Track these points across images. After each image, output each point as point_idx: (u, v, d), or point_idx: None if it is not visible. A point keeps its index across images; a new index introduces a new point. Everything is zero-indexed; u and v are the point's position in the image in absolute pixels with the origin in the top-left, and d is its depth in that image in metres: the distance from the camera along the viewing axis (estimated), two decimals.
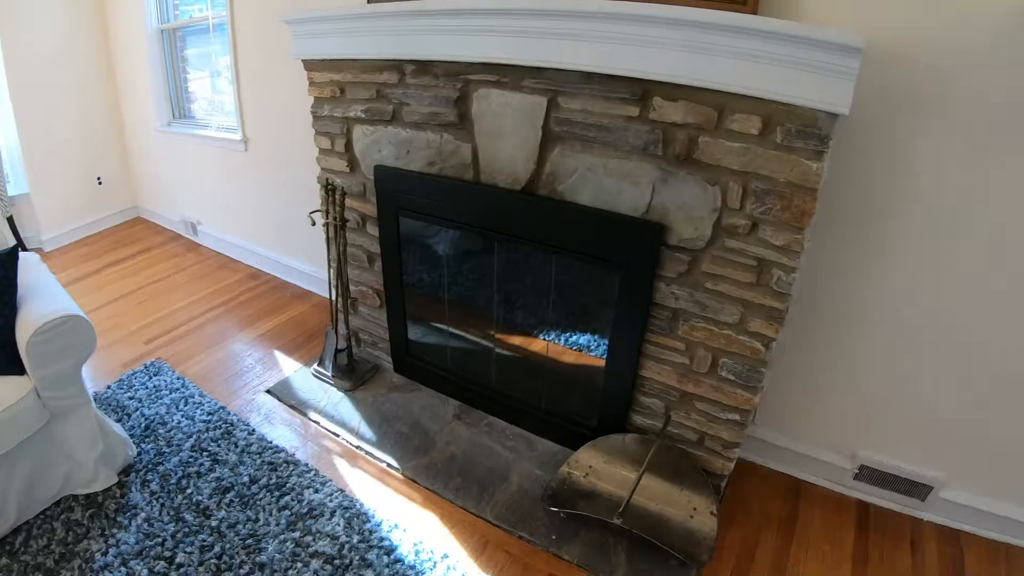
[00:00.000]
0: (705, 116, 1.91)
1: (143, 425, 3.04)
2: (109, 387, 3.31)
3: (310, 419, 3.03)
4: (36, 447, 2.51)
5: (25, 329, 2.39)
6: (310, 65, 2.90)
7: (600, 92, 2.06)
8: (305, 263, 4.25)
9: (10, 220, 5.70)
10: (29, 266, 2.78)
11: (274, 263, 4.57)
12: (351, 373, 3.24)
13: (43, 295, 2.64)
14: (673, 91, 1.94)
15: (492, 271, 2.71)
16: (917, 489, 2.47)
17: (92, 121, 6.00)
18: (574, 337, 2.70)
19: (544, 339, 2.77)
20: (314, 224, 3.04)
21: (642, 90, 1.99)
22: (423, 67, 2.46)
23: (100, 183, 6.16)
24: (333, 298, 3.18)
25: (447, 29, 2.30)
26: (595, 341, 2.62)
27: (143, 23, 5.12)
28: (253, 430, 2.95)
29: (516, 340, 2.92)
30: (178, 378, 3.35)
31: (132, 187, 6.41)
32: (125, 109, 6.00)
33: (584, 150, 2.18)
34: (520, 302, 2.79)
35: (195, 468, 2.77)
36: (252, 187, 4.46)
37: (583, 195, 2.25)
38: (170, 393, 3.24)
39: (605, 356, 2.53)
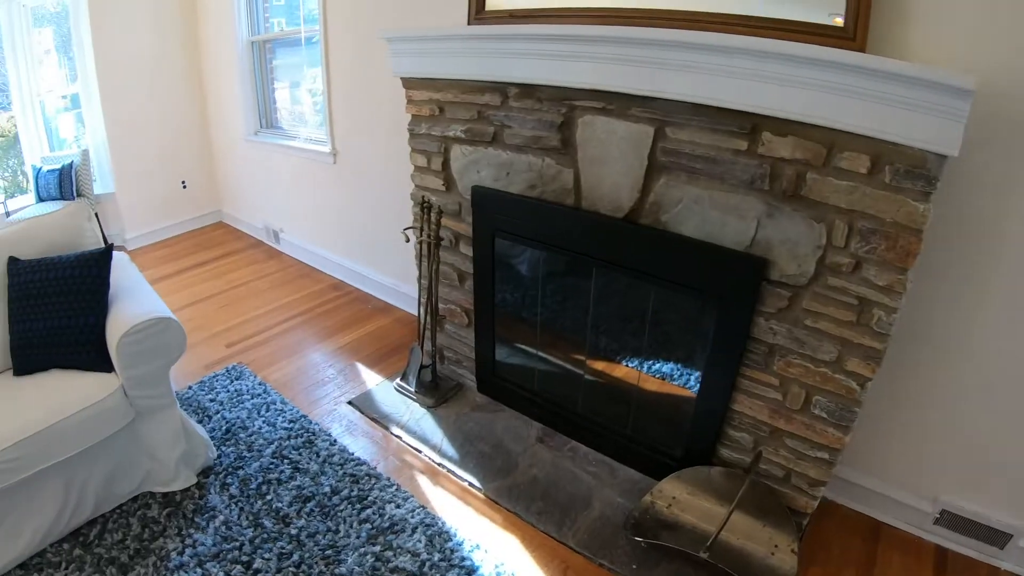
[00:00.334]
0: (814, 152, 1.99)
1: (224, 428, 3.23)
2: (190, 387, 3.53)
3: (392, 433, 3.18)
4: (119, 443, 2.70)
5: (116, 329, 2.59)
6: (409, 83, 3.08)
7: (709, 124, 2.16)
8: (388, 277, 4.44)
9: (95, 218, 6.09)
10: (119, 265, 2.98)
11: (356, 275, 4.78)
12: (434, 390, 3.39)
13: (134, 295, 2.85)
14: (782, 126, 2.02)
15: (587, 296, 2.82)
16: (996, 537, 2.47)
17: (179, 126, 6.38)
18: (665, 366, 2.78)
19: (634, 367, 2.86)
20: (408, 241, 3.21)
21: (751, 124, 2.08)
22: (527, 90, 2.60)
23: (184, 187, 6.54)
24: (421, 315, 3.34)
25: (553, 54, 2.42)
26: (686, 371, 2.70)
27: (234, 35, 5.44)
28: (335, 441, 3.11)
29: (605, 366, 3.02)
30: (260, 384, 3.55)
31: (215, 192, 6.77)
32: (212, 116, 6.36)
33: (690, 181, 2.28)
34: (613, 329, 2.88)
35: (276, 475, 2.92)
36: (338, 199, 4.69)
37: (687, 226, 2.34)
38: (252, 398, 3.44)
39: (696, 387, 2.61)
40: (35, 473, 2.46)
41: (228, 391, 3.50)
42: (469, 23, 2.91)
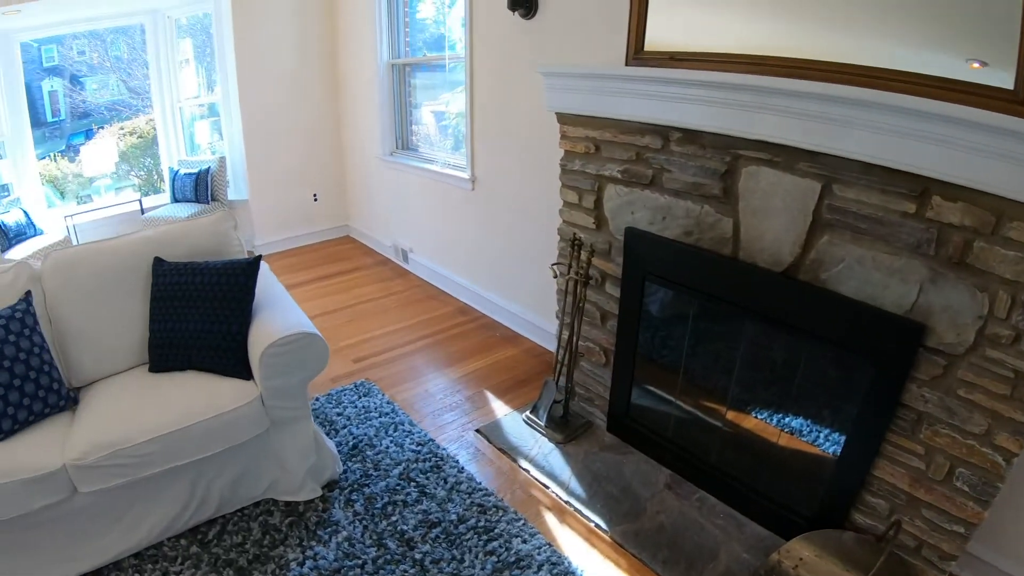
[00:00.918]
0: (982, 220, 2.09)
1: (350, 443, 3.54)
2: (317, 399, 3.87)
3: (519, 466, 3.42)
4: (251, 449, 3.01)
5: (261, 340, 2.89)
6: (563, 119, 3.36)
7: (878, 184, 2.30)
8: (517, 305, 4.73)
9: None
10: (261, 274, 3.26)
11: (484, 300, 5.09)
12: (564, 426, 3.63)
13: (277, 306, 3.17)
14: (953, 191, 2.13)
15: (734, 347, 2.98)
16: None
17: (314, 141, 6.96)
18: (806, 424, 2.91)
19: (773, 422, 3.01)
20: (556, 276, 3.49)
21: (921, 187, 2.21)
22: (690, 136, 2.81)
23: (316, 199, 7.07)
24: (558, 350, 3.60)
25: (719, 101, 2.61)
26: (828, 432, 2.82)
27: (375, 57, 5.93)
28: (462, 468, 3.35)
29: (743, 418, 3.16)
30: (388, 402, 3.87)
31: (345, 207, 7.29)
32: (347, 134, 6.91)
33: (853, 241, 2.42)
34: (756, 382, 3.03)
35: (402, 497, 3.17)
36: (473, 225, 5.03)
37: (847, 286, 2.48)
38: (379, 416, 3.75)
39: (837, 449, 2.74)
40: (166, 469, 2.78)
41: (356, 407, 3.83)
42: (627, 62, 3.16)
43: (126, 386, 3.06)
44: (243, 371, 2.98)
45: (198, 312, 3.05)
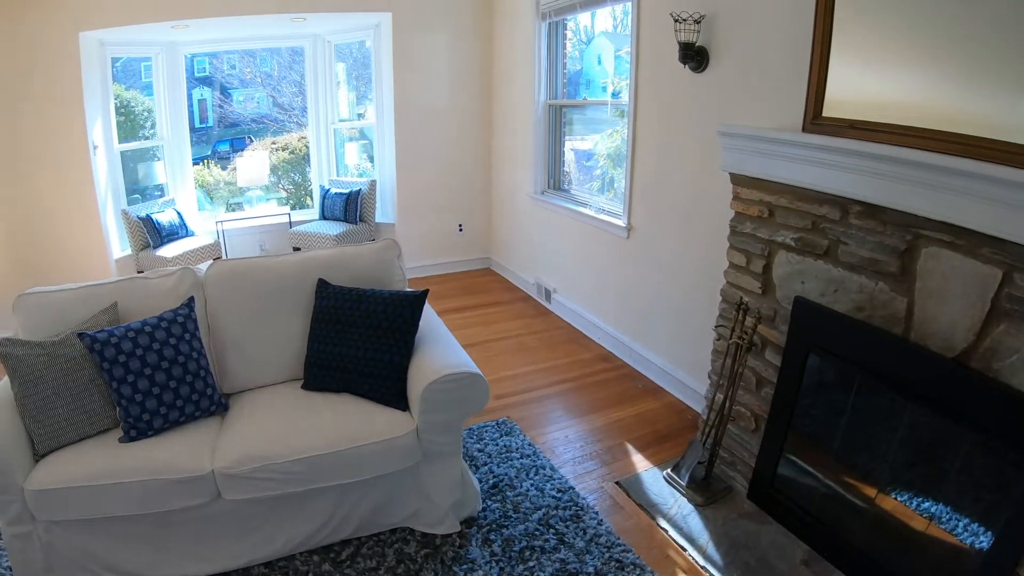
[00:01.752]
0: None
1: (491, 482, 3.67)
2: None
3: (658, 524, 3.47)
4: (398, 478, 3.16)
5: (423, 374, 3.06)
6: (738, 180, 3.43)
7: None
8: (663, 359, 4.79)
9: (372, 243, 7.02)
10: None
11: (627, 349, 5.18)
12: (705, 488, 3.68)
13: (439, 342, 3.34)
14: None
15: (893, 429, 2.95)
16: None
17: (464, 173, 7.30)
18: (953, 516, 2.83)
19: (921, 509, 2.94)
20: (719, 339, 3.57)
21: None
22: (870, 210, 2.82)
23: (461, 230, 7.36)
24: (708, 411, 3.67)
25: (903, 178, 2.62)
26: (978, 526, 2.78)
27: (532, 97, 6.16)
28: (601, 520, 3.42)
29: (891, 502, 3.13)
30: (529, 444, 4.00)
31: (489, 240, 7.56)
32: (497, 169, 7.19)
33: None
34: (910, 467, 2.98)
35: (540, 542, 3.26)
36: (624, 274, 5.13)
37: (1019, 378, 2.43)
38: (520, 458, 3.88)
39: (986, 545, 2.67)
40: (312, 488, 2.98)
41: (497, 445, 3.98)
42: (804, 127, 3.18)
43: (279, 400, 3.29)
44: (400, 402, 3.16)
45: (361, 338, 3.25)
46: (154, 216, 6.84)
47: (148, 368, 2.96)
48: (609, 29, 6.12)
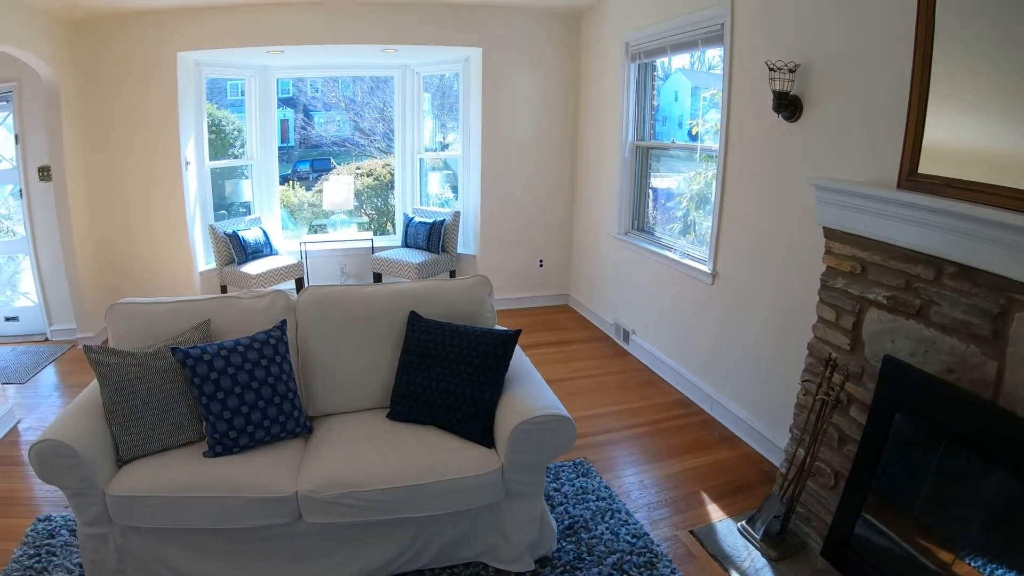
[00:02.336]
0: None
1: (566, 523, 3.70)
2: None
3: None
4: (478, 514, 3.23)
5: (513, 414, 3.12)
6: (831, 234, 3.45)
7: None
8: (741, 408, 4.78)
9: (452, 274, 7.18)
10: None
11: (705, 396, 5.19)
12: (779, 543, 3.66)
13: (528, 382, 3.41)
14: None
15: (978, 496, 2.90)
16: None
17: (547, 209, 7.46)
18: None
19: None
20: (805, 393, 3.58)
21: None
22: (965, 272, 2.81)
23: (541, 265, 7.47)
24: (787, 465, 3.67)
25: (1001, 241, 2.61)
26: None
27: (618, 137, 6.27)
28: (675, 569, 3.42)
29: (968, 570, 3.02)
30: (605, 487, 4.03)
31: (568, 277, 7.67)
32: (580, 207, 7.34)
33: None
34: (993, 535, 2.91)
35: None
36: (707, 319, 5.14)
37: None
38: (596, 500, 3.91)
39: None
40: (394, 518, 3.06)
41: (574, 486, 4.02)
42: (900, 182, 3.17)
43: (364, 428, 3.40)
44: (487, 439, 3.24)
45: (452, 373, 3.34)
46: (240, 233, 7.15)
47: (238, 387, 3.11)
48: (686, 65, 6.20)
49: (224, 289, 7.38)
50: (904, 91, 3.11)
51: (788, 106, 4.03)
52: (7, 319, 7.37)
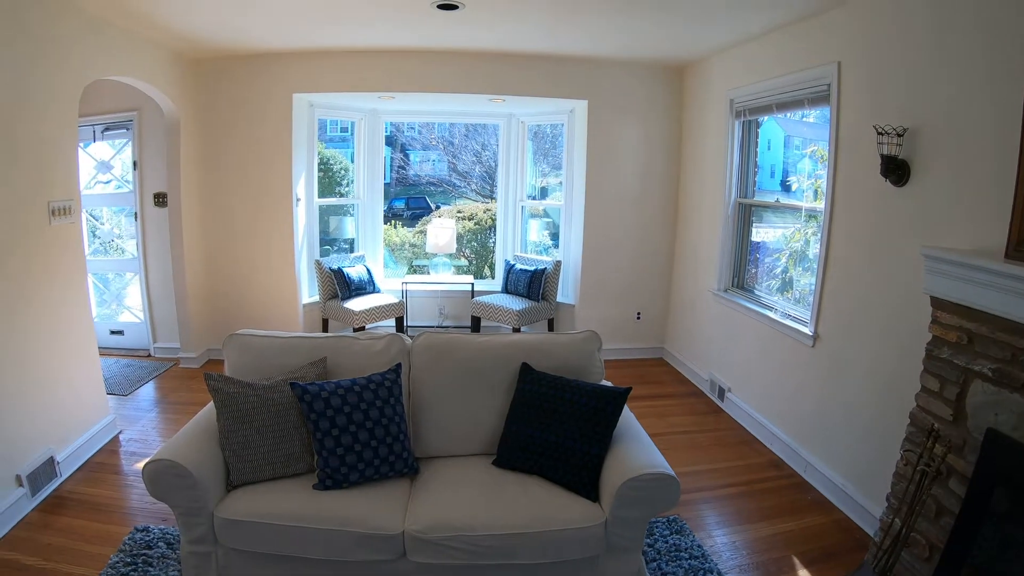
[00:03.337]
0: None
1: None
2: None
3: None
4: (578, 566, 3.27)
5: (620, 470, 3.19)
6: (937, 303, 3.42)
7: None
8: (836, 474, 4.70)
9: (550, 322, 7.28)
10: None
11: (800, 459, 5.12)
12: None
13: (635, 439, 3.48)
14: None
15: None
16: None
17: (646, 262, 7.57)
18: None
19: None
20: (905, 464, 3.54)
21: None
22: None
23: (639, 318, 7.52)
24: (882, 535, 3.61)
25: None
26: None
27: (721, 193, 6.32)
28: None
29: None
30: (698, 546, 4.01)
31: (664, 330, 7.72)
32: (680, 261, 7.42)
33: None
34: None
35: None
36: (805, 382, 5.10)
37: None
38: (689, 559, 3.90)
39: None
40: (495, 563, 3.13)
41: (667, 542, 4.02)
42: (1008, 252, 3.13)
43: (471, 473, 3.51)
44: (592, 492, 3.30)
45: (562, 426, 3.44)
46: (345, 269, 7.47)
47: (353, 425, 3.29)
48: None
49: (326, 323, 7.69)
50: (1013, 159, 3.11)
51: (896, 170, 4.02)
52: (112, 332, 7.87)
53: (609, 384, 3.75)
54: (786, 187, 6.20)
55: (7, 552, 3.81)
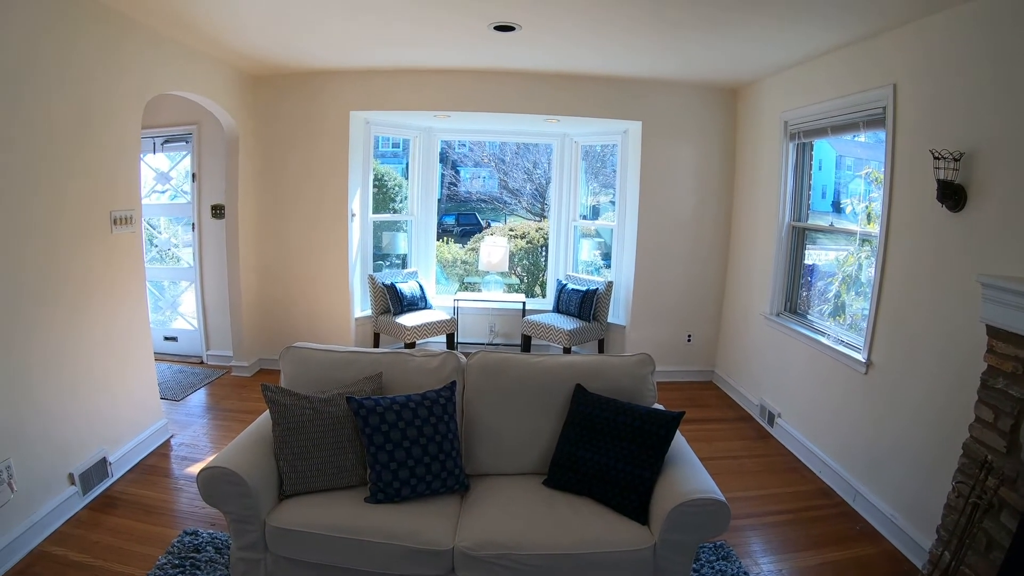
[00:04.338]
0: None
1: None
2: None
3: None
4: None
5: (672, 494, 3.18)
6: (994, 332, 3.35)
7: None
8: (886, 504, 4.60)
9: (600, 343, 7.27)
10: None
11: (849, 488, 5.03)
12: None
13: (686, 464, 3.46)
14: None
15: None
16: None
17: (698, 284, 7.55)
18: None
19: None
20: (957, 495, 3.47)
21: None
22: None
23: (689, 340, 7.48)
24: (930, 567, 3.54)
25: None
26: None
27: (774, 217, 6.27)
28: None
29: None
30: (744, 573, 3.95)
31: (714, 354, 7.67)
32: (731, 284, 7.40)
33: None
34: None
35: None
36: (858, 410, 5.02)
37: None
38: None
39: None
40: None
41: (713, 568, 3.97)
42: None
43: (521, 492, 3.53)
44: (642, 515, 3.29)
45: (614, 448, 3.45)
46: (398, 285, 7.59)
47: (407, 441, 3.35)
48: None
49: (377, 337, 7.80)
50: None
51: (952, 196, 3.95)
52: (166, 338, 8.10)
53: (662, 408, 3.76)
54: (838, 208, 6.13)
55: (56, 548, 3.92)
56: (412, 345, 7.30)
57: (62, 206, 4.27)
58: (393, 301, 7.53)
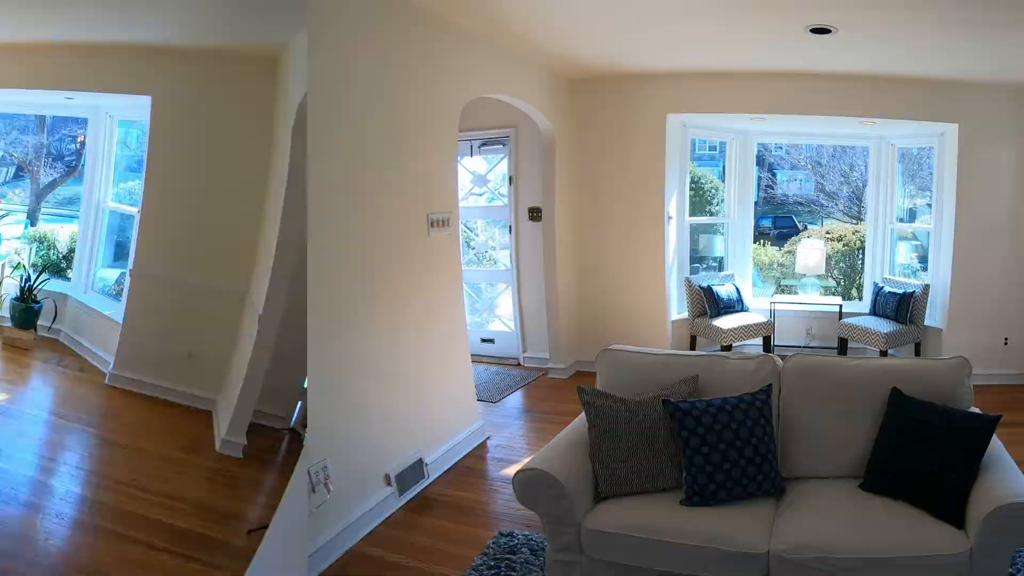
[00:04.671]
0: None
1: None
2: None
3: None
4: None
5: (988, 499, 2.99)
6: None
7: None
8: None
9: (916, 346, 7.16)
10: None
11: None
12: None
13: (1002, 467, 3.25)
14: None
15: None
16: None
17: (1015, 288, 7.34)
18: None
19: None
20: None
21: None
22: None
23: (1006, 343, 7.36)
24: None
25: None
26: None
27: None
28: None
29: None
30: None
31: None
32: None
33: None
34: None
35: None
36: None
37: None
38: None
39: None
40: None
41: None
42: None
43: (836, 495, 3.46)
44: (958, 519, 3.17)
45: (930, 452, 3.34)
46: (715, 288, 7.78)
47: (723, 444, 3.27)
48: None
49: (693, 339, 8.01)
50: None
51: None
52: (483, 340, 8.34)
53: (978, 411, 3.66)
54: None
55: (373, 548, 4.00)
56: (728, 347, 7.30)
57: (380, 207, 4.33)
58: (710, 304, 7.64)
